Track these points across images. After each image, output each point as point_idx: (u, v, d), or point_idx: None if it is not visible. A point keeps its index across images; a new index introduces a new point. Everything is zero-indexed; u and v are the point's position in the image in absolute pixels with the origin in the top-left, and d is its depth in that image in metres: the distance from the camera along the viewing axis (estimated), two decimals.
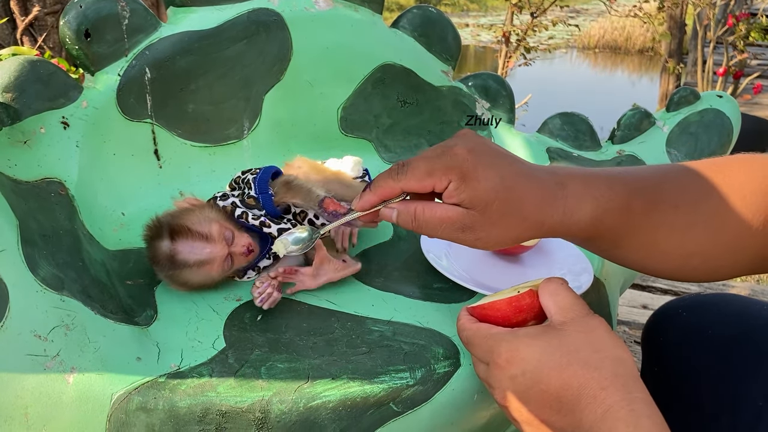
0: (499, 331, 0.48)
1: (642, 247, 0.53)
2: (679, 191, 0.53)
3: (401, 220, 0.50)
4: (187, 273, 0.61)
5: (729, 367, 0.61)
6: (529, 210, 0.48)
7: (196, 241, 0.61)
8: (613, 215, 0.51)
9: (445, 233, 0.49)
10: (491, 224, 0.48)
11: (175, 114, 0.81)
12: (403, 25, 0.93)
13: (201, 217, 0.62)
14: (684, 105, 0.95)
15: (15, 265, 0.52)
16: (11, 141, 0.66)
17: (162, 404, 0.50)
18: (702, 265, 0.53)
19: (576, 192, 0.50)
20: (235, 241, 0.62)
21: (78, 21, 0.73)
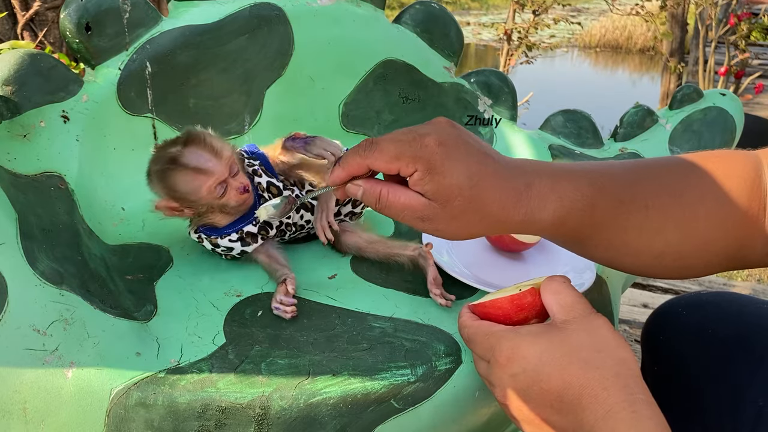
0: (500, 329, 0.48)
1: (610, 246, 0.53)
2: (652, 192, 0.52)
3: (365, 199, 0.49)
4: (180, 174, 0.62)
5: (729, 367, 0.61)
6: (490, 209, 0.48)
7: (206, 152, 0.63)
8: (577, 216, 0.50)
9: (406, 219, 0.48)
10: (451, 218, 0.47)
11: (175, 108, 0.81)
12: (405, 20, 0.92)
13: (219, 141, 0.64)
14: (687, 103, 0.95)
15: (14, 258, 0.51)
16: (11, 134, 0.66)
17: (161, 400, 0.49)
18: (673, 264, 0.53)
19: (541, 192, 0.49)
20: (237, 176, 0.64)
21: (79, 14, 0.73)
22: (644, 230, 0.51)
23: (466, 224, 0.48)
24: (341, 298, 0.63)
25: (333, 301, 0.62)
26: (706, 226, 0.51)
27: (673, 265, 0.53)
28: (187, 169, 0.62)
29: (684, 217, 0.51)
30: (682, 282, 1.66)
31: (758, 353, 0.60)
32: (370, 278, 0.66)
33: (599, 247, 0.53)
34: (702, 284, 1.66)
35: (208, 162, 0.62)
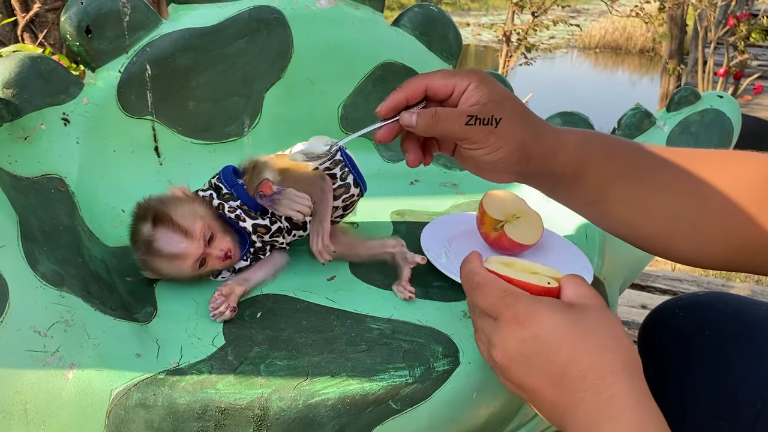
0: (520, 291, 0.48)
1: (628, 199, 0.55)
2: (668, 153, 0.56)
3: (421, 120, 0.53)
4: (159, 262, 0.62)
5: (726, 368, 0.61)
6: (532, 119, 0.54)
7: (175, 234, 0.61)
8: (597, 151, 0.56)
9: (460, 129, 0.52)
10: (505, 117, 0.53)
11: (175, 111, 0.81)
12: (404, 23, 0.93)
13: (187, 211, 0.62)
14: (685, 105, 0.95)
15: (15, 260, 0.52)
16: (12, 137, 0.66)
17: (161, 401, 0.50)
18: (690, 234, 0.54)
19: (563, 130, 0.57)
20: (215, 243, 0.62)
21: (79, 17, 0.73)
22: (661, 185, 0.54)
23: (512, 132, 0.53)
24: (340, 299, 0.63)
25: (332, 302, 0.62)
26: (723, 198, 0.52)
27: (691, 235, 0.54)
28: (161, 256, 0.61)
29: (701, 181, 0.53)
30: (680, 283, 1.66)
31: (755, 354, 0.60)
32: (368, 280, 0.67)
33: (617, 200, 0.55)
34: (701, 285, 1.66)
35: (180, 245, 0.61)
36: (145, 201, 0.63)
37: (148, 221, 0.61)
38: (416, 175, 0.93)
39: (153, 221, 0.61)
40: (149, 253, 0.61)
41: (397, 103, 0.55)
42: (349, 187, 0.69)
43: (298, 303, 0.62)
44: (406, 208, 0.84)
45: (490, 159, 0.54)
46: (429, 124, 0.53)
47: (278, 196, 0.63)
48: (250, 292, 0.64)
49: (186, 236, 0.61)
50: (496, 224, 0.72)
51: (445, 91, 0.54)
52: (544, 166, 0.56)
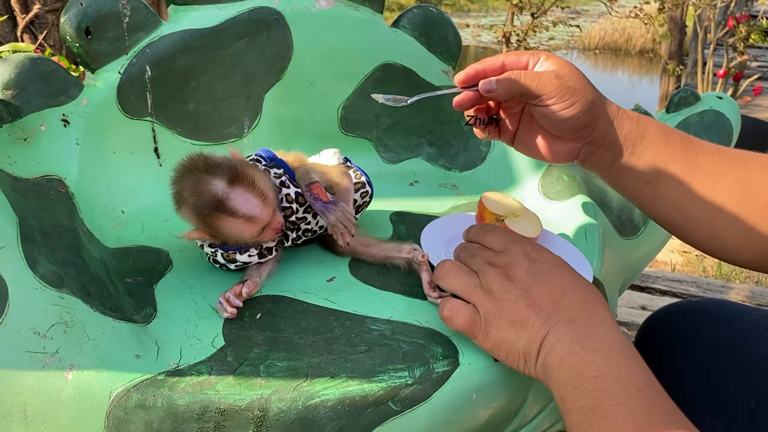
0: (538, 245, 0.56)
1: (681, 181, 0.60)
2: (717, 147, 0.61)
3: (501, 84, 0.58)
4: (225, 221, 0.59)
5: (720, 370, 0.62)
6: (596, 88, 0.60)
7: (255, 197, 0.59)
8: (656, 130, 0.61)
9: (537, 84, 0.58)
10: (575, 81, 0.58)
11: (175, 112, 0.81)
12: (403, 24, 0.93)
13: (265, 179, 0.61)
14: (684, 106, 0.95)
15: (14, 262, 0.52)
16: (11, 138, 0.66)
17: (161, 402, 0.50)
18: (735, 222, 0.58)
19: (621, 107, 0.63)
20: (275, 216, 0.62)
21: (79, 18, 0.73)
22: (712, 172, 0.59)
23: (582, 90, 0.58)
24: (339, 300, 0.63)
25: (331, 303, 0.62)
26: (762, 190, 0.57)
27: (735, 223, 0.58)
28: (236, 217, 0.59)
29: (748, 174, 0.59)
30: (680, 284, 1.66)
31: (747, 356, 0.61)
32: (368, 281, 0.67)
33: (671, 182, 0.60)
34: (701, 286, 1.66)
35: (257, 208, 0.59)
36: (204, 157, 0.61)
37: (222, 179, 0.59)
38: (416, 176, 0.93)
39: (230, 179, 0.59)
40: (218, 209, 0.58)
41: (477, 72, 0.60)
42: (363, 184, 0.74)
43: (298, 304, 0.62)
44: (405, 209, 0.84)
45: (565, 115, 0.58)
46: (508, 85, 0.58)
47: (333, 207, 0.64)
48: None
49: (264, 202, 0.60)
50: (497, 218, 0.72)
51: (519, 66, 0.61)
52: (609, 132, 0.60)
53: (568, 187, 0.83)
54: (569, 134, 0.61)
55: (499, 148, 0.92)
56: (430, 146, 0.96)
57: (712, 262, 2.04)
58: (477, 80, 0.60)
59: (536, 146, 0.64)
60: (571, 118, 0.58)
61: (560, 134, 0.62)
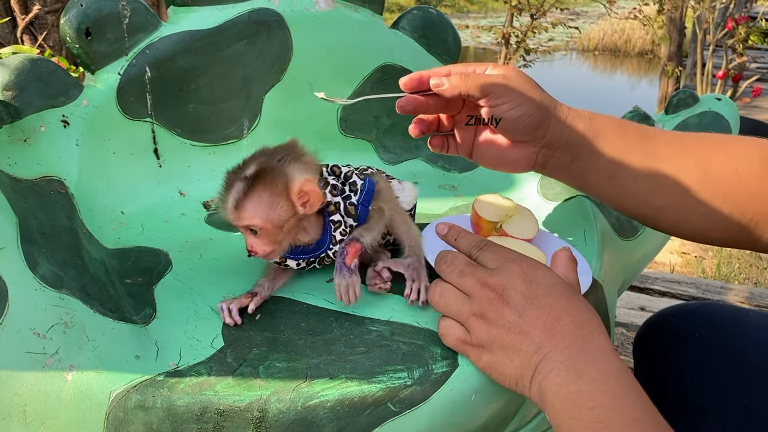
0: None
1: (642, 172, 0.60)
2: (673, 134, 0.62)
3: (451, 80, 0.60)
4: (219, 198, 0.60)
5: (715, 369, 0.63)
6: (546, 92, 0.61)
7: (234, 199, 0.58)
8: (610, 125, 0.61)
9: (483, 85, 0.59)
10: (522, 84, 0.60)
11: (175, 113, 0.81)
12: (403, 26, 0.93)
13: (264, 203, 0.58)
14: (683, 107, 0.95)
15: (14, 262, 0.52)
16: (11, 139, 0.66)
17: (160, 402, 0.50)
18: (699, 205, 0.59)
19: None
20: (257, 240, 0.60)
21: (79, 19, 0.73)
22: (671, 160, 0.59)
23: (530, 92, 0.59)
24: (339, 301, 0.63)
25: (330, 304, 0.63)
26: (727, 172, 0.58)
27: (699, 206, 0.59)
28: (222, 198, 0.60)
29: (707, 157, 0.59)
30: (679, 285, 1.67)
31: (741, 356, 0.62)
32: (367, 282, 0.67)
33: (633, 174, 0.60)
34: (699, 287, 1.66)
35: (230, 206, 0.59)
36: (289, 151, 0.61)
37: (252, 167, 0.59)
38: (415, 177, 0.93)
39: (252, 173, 0.58)
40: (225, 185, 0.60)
41: (421, 77, 0.61)
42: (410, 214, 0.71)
43: (297, 305, 0.62)
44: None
45: (514, 114, 0.59)
46: (457, 82, 0.59)
47: (346, 272, 0.60)
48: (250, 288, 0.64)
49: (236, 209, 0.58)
50: (494, 226, 0.72)
51: (465, 69, 0.62)
52: (563, 132, 0.60)
53: (567, 187, 0.83)
54: (523, 136, 0.61)
55: None
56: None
57: (711, 264, 2.04)
58: (422, 85, 0.62)
59: (494, 155, 0.64)
60: (521, 116, 0.59)
61: (514, 137, 0.62)
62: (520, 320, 0.49)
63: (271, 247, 0.60)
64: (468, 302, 0.53)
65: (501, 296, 0.51)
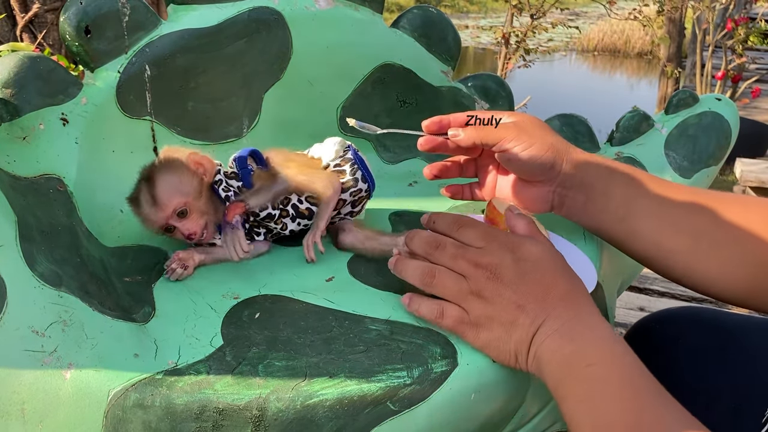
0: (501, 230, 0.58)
1: (653, 213, 0.62)
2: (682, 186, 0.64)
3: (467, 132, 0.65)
4: (135, 212, 0.67)
5: (703, 372, 0.65)
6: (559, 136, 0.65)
7: (150, 198, 0.65)
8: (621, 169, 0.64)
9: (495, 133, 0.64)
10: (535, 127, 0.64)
11: (174, 112, 0.81)
12: (403, 25, 0.93)
13: (174, 182, 0.66)
14: (683, 107, 0.95)
15: (13, 260, 0.52)
16: (10, 137, 0.66)
17: (159, 401, 0.50)
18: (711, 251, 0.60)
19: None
20: (185, 220, 0.66)
21: (78, 17, 0.73)
22: (682, 204, 0.62)
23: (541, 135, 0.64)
24: (338, 300, 0.63)
25: (330, 303, 0.62)
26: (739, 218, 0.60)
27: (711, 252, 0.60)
28: (135, 208, 0.67)
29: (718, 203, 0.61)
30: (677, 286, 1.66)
31: (728, 357, 0.63)
32: (367, 281, 0.67)
33: (644, 215, 0.63)
34: None
35: (148, 208, 0.66)
36: (159, 156, 0.68)
37: (144, 174, 0.67)
38: (415, 176, 0.93)
39: (146, 178, 0.66)
40: (132, 201, 0.67)
41: (441, 120, 0.68)
42: (357, 181, 0.73)
43: (297, 304, 0.62)
44: (405, 209, 0.84)
45: (526, 155, 0.63)
46: (471, 133, 0.64)
47: (228, 229, 0.68)
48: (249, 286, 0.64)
49: (154, 205, 0.65)
50: None
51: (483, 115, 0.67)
52: (576, 173, 0.64)
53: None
54: (538, 175, 0.65)
55: None
56: None
57: None
58: (442, 129, 0.68)
59: (513, 197, 0.69)
60: (533, 157, 0.63)
61: (529, 177, 0.66)
62: (514, 296, 0.52)
63: (203, 220, 0.67)
64: (465, 281, 0.55)
65: (495, 274, 0.53)
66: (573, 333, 0.50)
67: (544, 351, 0.51)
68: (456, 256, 0.56)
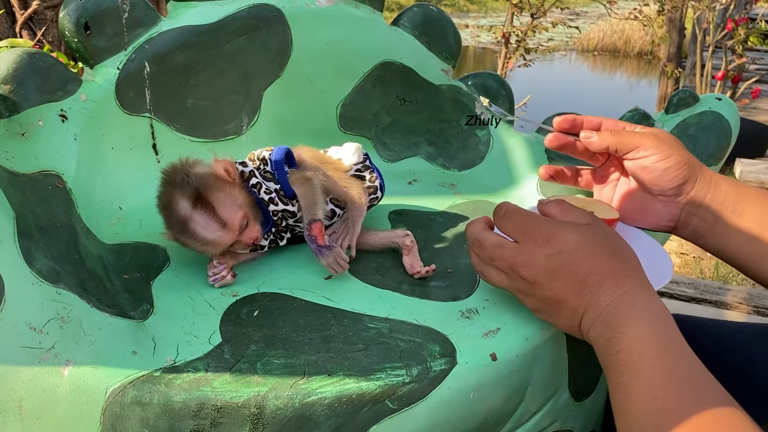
0: (541, 216, 0.56)
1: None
2: None
3: (601, 135, 0.64)
4: (190, 241, 0.63)
5: None
6: (689, 153, 0.64)
7: (214, 222, 0.62)
8: (753, 188, 0.64)
9: (633, 138, 0.63)
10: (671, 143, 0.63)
11: (174, 109, 0.81)
12: (403, 23, 0.93)
13: (229, 199, 0.63)
14: (683, 107, 0.95)
15: (11, 257, 0.51)
16: (9, 133, 0.66)
17: (157, 398, 0.49)
18: None
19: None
20: (247, 231, 0.64)
21: (78, 14, 0.73)
22: None
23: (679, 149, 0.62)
24: (337, 298, 0.63)
25: (329, 301, 0.62)
26: None
27: None
28: (195, 239, 0.62)
29: None
30: (678, 286, 1.67)
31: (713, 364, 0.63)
32: (366, 279, 0.67)
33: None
34: (698, 288, 1.67)
35: (216, 233, 0.62)
36: (183, 170, 0.63)
37: (188, 199, 0.61)
38: (414, 174, 0.93)
39: (193, 201, 0.61)
40: (182, 231, 0.62)
41: (575, 119, 0.66)
42: (376, 189, 0.75)
43: (296, 301, 0.62)
44: (404, 207, 0.83)
45: (662, 165, 0.62)
46: (606, 137, 0.63)
47: (326, 251, 0.64)
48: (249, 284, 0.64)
49: (224, 227, 0.62)
50: None
51: (617, 126, 0.66)
52: (708, 191, 0.63)
53: (567, 186, 0.83)
54: (668, 190, 0.64)
55: (498, 147, 0.92)
56: (429, 145, 0.96)
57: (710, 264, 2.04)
58: (574, 128, 0.67)
59: (635, 212, 0.67)
60: (670, 168, 0.62)
61: (659, 190, 0.64)
62: (551, 293, 0.52)
63: (257, 224, 0.65)
64: (506, 278, 0.56)
65: (528, 277, 0.53)
66: (609, 319, 0.50)
67: (590, 338, 0.52)
68: (493, 257, 0.56)
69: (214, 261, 0.63)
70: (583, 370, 0.66)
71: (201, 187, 0.62)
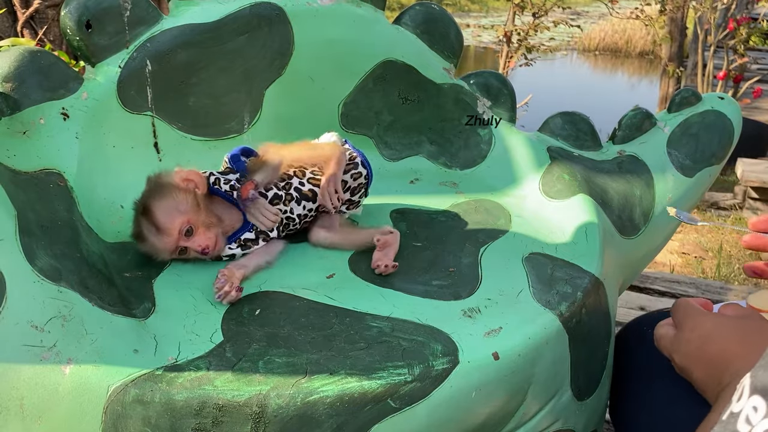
0: (698, 308, 0.59)
1: None
2: None
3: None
4: (140, 245, 0.67)
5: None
6: None
7: (152, 227, 0.65)
8: None
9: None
10: None
11: (175, 107, 0.81)
12: (405, 21, 0.92)
13: (169, 205, 0.66)
14: (685, 106, 0.95)
15: (12, 255, 0.51)
16: (11, 131, 0.66)
17: (159, 397, 0.49)
18: None
19: None
20: (194, 237, 0.66)
21: (79, 12, 0.73)
22: None
23: None
24: (339, 297, 0.63)
25: (331, 300, 0.62)
26: None
27: None
28: (143, 243, 0.66)
29: None
30: (679, 285, 1.66)
31: None
32: (367, 278, 0.67)
33: None
34: (699, 287, 1.66)
35: (152, 237, 0.65)
36: (149, 180, 0.68)
37: (139, 207, 0.66)
38: (416, 174, 0.92)
39: (142, 210, 0.66)
40: (137, 238, 0.67)
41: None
42: (357, 165, 0.75)
43: (297, 300, 0.62)
44: (405, 206, 0.83)
45: None
46: None
47: (249, 203, 0.68)
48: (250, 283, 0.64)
49: (159, 231, 0.65)
50: None
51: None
52: None
53: (568, 186, 0.83)
54: None
55: (500, 146, 0.92)
56: (431, 144, 0.96)
57: (711, 264, 2.04)
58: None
59: None
60: None
61: None
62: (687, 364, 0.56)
63: (212, 233, 0.66)
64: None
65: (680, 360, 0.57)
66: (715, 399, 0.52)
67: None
68: (659, 338, 0.60)
69: (219, 275, 0.63)
70: (585, 369, 0.66)
71: (147, 194, 0.66)
